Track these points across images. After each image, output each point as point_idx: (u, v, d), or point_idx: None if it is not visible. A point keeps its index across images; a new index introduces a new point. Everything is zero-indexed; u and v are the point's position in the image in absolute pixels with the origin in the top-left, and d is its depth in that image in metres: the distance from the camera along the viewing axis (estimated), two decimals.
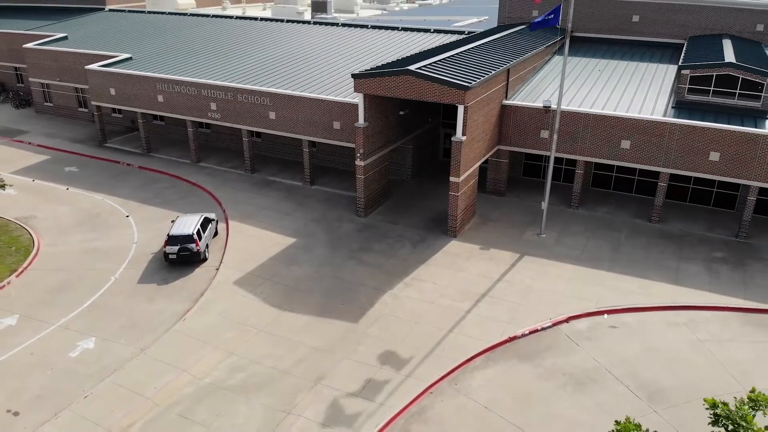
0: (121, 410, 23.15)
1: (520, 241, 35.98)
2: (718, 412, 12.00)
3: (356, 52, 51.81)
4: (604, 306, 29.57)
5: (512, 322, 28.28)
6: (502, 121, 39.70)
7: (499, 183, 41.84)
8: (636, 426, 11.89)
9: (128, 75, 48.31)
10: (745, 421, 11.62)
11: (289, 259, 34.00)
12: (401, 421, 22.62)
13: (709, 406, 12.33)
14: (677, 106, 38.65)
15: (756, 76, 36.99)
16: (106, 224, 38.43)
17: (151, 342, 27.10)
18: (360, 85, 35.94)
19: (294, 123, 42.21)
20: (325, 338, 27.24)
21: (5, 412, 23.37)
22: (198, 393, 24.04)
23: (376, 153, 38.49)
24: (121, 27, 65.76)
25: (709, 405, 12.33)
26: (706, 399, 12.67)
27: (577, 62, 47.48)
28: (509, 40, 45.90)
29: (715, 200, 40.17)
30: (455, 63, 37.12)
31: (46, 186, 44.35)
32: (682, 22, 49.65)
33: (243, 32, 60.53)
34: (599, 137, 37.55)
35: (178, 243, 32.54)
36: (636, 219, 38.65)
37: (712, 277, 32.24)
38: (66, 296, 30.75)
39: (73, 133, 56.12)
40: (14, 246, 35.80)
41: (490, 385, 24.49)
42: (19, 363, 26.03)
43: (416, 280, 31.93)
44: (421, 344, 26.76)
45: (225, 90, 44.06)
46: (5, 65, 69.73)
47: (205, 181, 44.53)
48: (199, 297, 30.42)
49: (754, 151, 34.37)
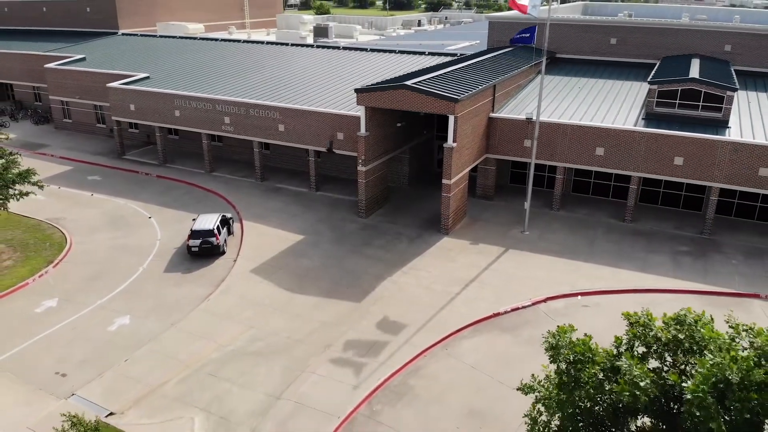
0: (158, 370, 26.84)
1: (506, 237, 39.97)
2: (631, 320, 15.80)
3: (356, 71, 56.25)
4: (579, 289, 33.49)
5: (496, 302, 32.14)
6: (490, 131, 43.95)
7: (487, 188, 45.97)
8: (570, 327, 15.64)
9: (148, 92, 52.62)
10: (649, 319, 15.46)
11: (299, 253, 37.88)
12: (400, 376, 26.40)
13: (625, 317, 16.14)
14: (647, 117, 42.99)
15: (717, 90, 41.34)
16: (131, 225, 42.29)
17: (180, 318, 30.85)
18: (362, 98, 40.19)
19: (301, 135, 46.39)
20: (333, 315, 31.04)
21: (54, 374, 26.97)
22: (223, 357, 27.75)
23: (376, 160, 42.60)
24: (135, 49, 70.31)
25: (625, 316, 16.13)
26: (623, 312, 16.50)
27: (559, 80, 51.97)
28: (496, 61, 50.41)
29: (683, 203, 44.30)
30: (447, 79, 41.46)
31: (71, 192, 48.27)
32: (655, 43, 54.27)
33: (251, 54, 65.08)
34: (576, 145, 41.77)
35: (200, 237, 36.42)
36: (611, 219, 42.72)
37: (676, 266, 36.23)
38: (100, 283, 34.51)
39: (92, 146, 60.22)
40: (48, 242, 39.58)
41: (476, 350, 28.29)
42: (62, 336, 29.67)
43: (413, 269, 35.83)
44: (416, 319, 30.58)
45: (238, 105, 48.33)
46: (24, 84, 74.23)
47: (219, 188, 48.56)
48: (220, 283, 34.25)
49: (713, 155, 38.59)
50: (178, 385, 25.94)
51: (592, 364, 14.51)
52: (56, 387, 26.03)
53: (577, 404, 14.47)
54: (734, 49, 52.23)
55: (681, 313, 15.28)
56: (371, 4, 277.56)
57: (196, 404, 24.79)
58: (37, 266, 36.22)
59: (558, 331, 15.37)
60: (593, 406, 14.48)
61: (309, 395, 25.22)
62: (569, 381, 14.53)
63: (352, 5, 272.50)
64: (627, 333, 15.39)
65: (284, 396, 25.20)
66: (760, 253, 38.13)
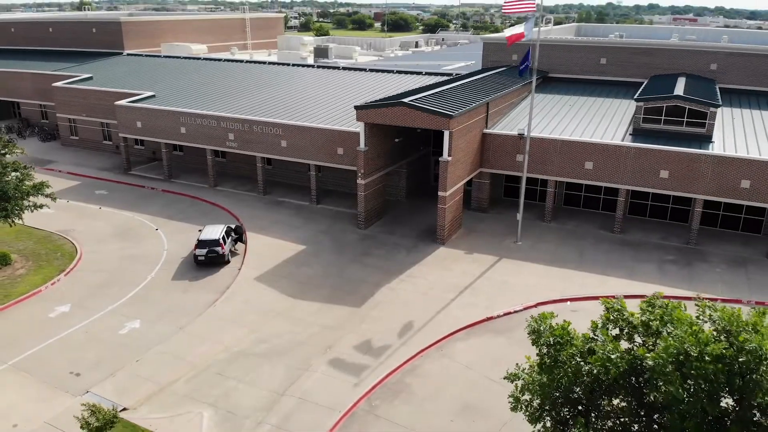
0: (168, 370, 28.28)
1: (500, 247, 41.62)
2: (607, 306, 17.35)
3: (356, 90, 58.28)
4: (568, 295, 35.07)
5: (490, 307, 33.70)
6: (484, 146, 45.82)
7: (482, 201, 47.74)
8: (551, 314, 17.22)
9: (155, 110, 54.58)
10: (621, 306, 17.02)
11: (301, 262, 39.48)
12: (398, 375, 27.87)
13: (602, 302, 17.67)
14: (634, 133, 44.91)
15: (701, 107, 43.31)
16: (138, 236, 43.89)
17: (188, 322, 32.35)
18: (361, 115, 42.08)
19: (303, 150, 48.23)
20: (333, 319, 32.57)
21: (68, 373, 28.39)
22: (230, 358, 29.22)
23: (375, 173, 44.39)
24: (140, 69, 72.43)
25: (603, 302, 17.67)
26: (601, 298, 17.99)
27: (551, 98, 53.99)
28: (490, 80, 52.48)
29: (670, 214, 46.04)
30: (442, 97, 43.42)
31: (80, 206, 49.93)
32: (644, 63, 56.39)
33: (253, 74, 67.18)
34: (566, 159, 43.59)
35: (207, 246, 38.04)
36: (600, 230, 44.42)
37: (662, 274, 37.86)
38: (110, 290, 36.03)
39: (99, 162, 62.03)
40: (59, 252, 41.15)
41: (470, 351, 29.80)
42: (76, 339, 31.13)
43: (410, 276, 37.42)
44: (413, 322, 32.11)
45: (242, 122, 50.24)
46: (31, 103, 76.28)
47: (223, 202, 50.29)
48: (226, 289, 35.81)
49: (697, 168, 40.40)
50: (187, 383, 27.37)
51: (569, 346, 16.07)
52: (71, 385, 27.44)
53: (557, 384, 15.99)
54: (720, 67, 54.31)
55: (652, 298, 16.87)
56: (369, 26, 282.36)
57: (204, 400, 26.22)
58: (50, 274, 37.75)
59: (540, 317, 16.95)
60: (571, 385, 16.01)
61: (311, 392, 26.68)
62: (550, 362, 16.09)
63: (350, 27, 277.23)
64: (601, 317, 16.97)
65: (288, 392, 26.65)
66: (743, 261, 39.78)
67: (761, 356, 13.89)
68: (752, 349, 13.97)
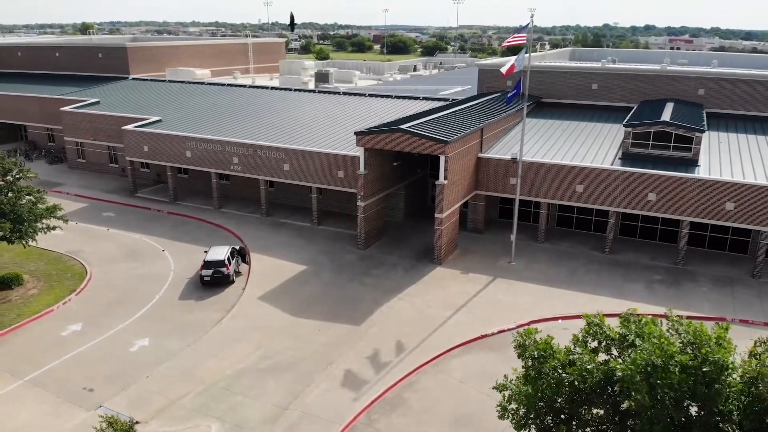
0: (177, 385, 29.70)
1: (494, 267, 43.19)
2: (588, 321, 18.88)
3: (356, 115, 60.22)
4: (560, 314, 36.57)
5: (484, 325, 35.18)
6: (478, 170, 47.59)
7: (477, 222, 49.41)
8: (535, 330, 18.74)
9: (162, 134, 56.47)
10: (600, 320, 18.56)
11: (302, 281, 41.01)
12: (395, 390, 29.29)
13: (584, 317, 19.17)
14: (623, 157, 46.69)
15: (687, 132, 45.11)
16: (145, 256, 45.45)
17: (195, 340, 33.81)
18: (361, 140, 43.90)
19: (305, 173, 50.00)
20: (334, 336, 34.03)
21: (82, 389, 29.78)
22: (235, 373, 30.65)
23: (374, 196, 46.10)
24: (146, 93, 74.53)
25: (584, 317, 19.18)
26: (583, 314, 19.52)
27: (544, 123, 55.91)
28: (484, 106, 54.43)
29: (659, 235, 47.66)
30: (439, 123, 45.29)
31: (88, 227, 51.54)
32: (633, 88, 58.36)
33: (256, 99, 69.23)
34: (557, 183, 45.32)
35: (212, 267, 39.58)
36: (592, 251, 46.02)
37: (651, 293, 39.40)
38: (120, 309, 37.51)
39: (105, 185, 63.79)
40: (69, 273, 42.66)
41: (465, 367, 31.25)
42: (88, 356, 32.55)
43: (407, 295, 38.95)
44: (410, 340, 33.57)
45: (246, 146, 52.07)
46: (39, 126, 78.24)
47: (227, 223, 51.93)
48: (231, 308, 37.31)
49: (683, 191, 42.10)
50: (195, 398, 28.78)
51: (552, 359, 17.60)
52: (84, 400, 28.83)
53: (540, 394, 17.50)
54: (707, 93, 56.22)
55: (627, 313, 18.46)
56: (369, 48, 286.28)
57: (212, 414, 27.61)
58: (61, 294, 39.24)
59: (525, 332, 18.50)
60: (553, 395, 17.52)
61: (313, 406, 28.08)
62: (534, 373, 17.61)
63: (350, 49, 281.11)
64: (581, 330, 18.53)
65: (291, 406, 28.06)
66: (729, 281, 41.32)
67: (723, 366, 15.43)
68: (715, 360, 15.51)
